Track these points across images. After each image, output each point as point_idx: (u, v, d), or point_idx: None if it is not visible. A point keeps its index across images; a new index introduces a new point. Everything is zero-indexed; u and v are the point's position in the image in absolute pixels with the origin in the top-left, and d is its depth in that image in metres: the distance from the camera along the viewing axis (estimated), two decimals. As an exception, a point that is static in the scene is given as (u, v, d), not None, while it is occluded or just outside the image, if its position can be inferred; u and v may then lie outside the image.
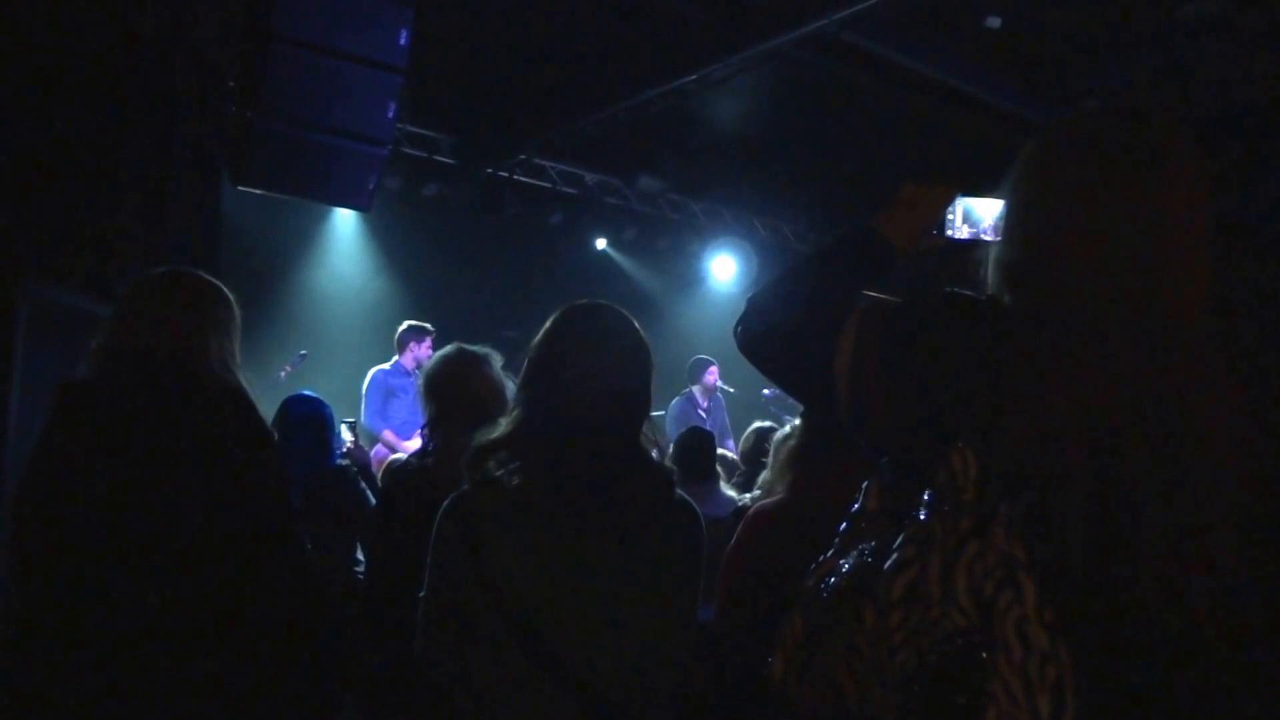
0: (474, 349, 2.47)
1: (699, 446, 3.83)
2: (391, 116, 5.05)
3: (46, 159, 3.63)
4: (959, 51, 5.77)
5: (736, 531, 2.28)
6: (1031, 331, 1.02)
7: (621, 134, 6.99)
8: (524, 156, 7.64)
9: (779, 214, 9.26)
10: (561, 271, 8.15)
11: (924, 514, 0.97)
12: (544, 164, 7.91)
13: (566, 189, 8.17)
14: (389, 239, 7.75)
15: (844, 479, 1.42)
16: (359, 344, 7.10)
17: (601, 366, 1.59)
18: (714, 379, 7.27)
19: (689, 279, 9.22)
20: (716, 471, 3.86)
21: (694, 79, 5.96)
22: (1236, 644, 0.94)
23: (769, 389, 7.30)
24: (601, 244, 8.76)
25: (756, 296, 1.27)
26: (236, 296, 2.11)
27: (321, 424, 3.17)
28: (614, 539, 1.54)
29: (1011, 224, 1.12)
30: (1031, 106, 6.16)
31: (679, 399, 7.17)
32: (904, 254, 1.30)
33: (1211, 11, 4.99)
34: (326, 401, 3.27)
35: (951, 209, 1.34)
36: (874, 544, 1.04)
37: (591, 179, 8.26)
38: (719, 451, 4.50)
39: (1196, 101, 5.77)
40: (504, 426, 1.61)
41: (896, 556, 0.96)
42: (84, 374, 1.97)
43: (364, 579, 2.54)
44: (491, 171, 7.66)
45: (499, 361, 2.48)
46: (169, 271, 2.08)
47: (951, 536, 0.93)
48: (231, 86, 4.95)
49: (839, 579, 1.05)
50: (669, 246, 8.92)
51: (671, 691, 1.59)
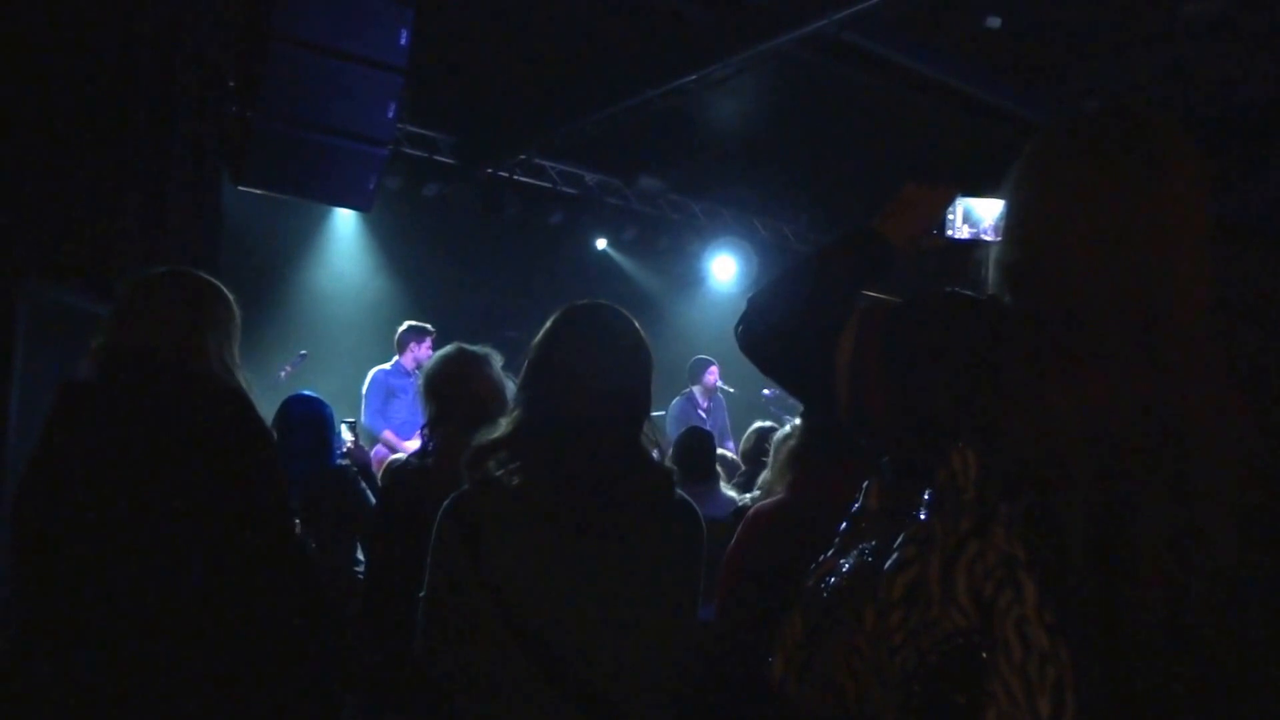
0: (474, 349, 2.48)
1: (698, 447, 3.83)
2: (392, 116, 5.05)
3: (46, 159, 3.63)
4: (959, 51, 5.77)
5: (736, 532, 2.29)
6: (1031, 331, 1.02)
7: (621, 134, 6.98)
8: (524, 156, 7.63)
9: (779, 214, 9.26)
10: (562, 271, 8.15)
11: (924, 514, 0.97)
12: (544, 164, 7.91)
13: (567, 189, 8.17)
14: (389, 239, 7.75)
15: (844, 479, 1.43)
16: (359, 344, 7.10)
17: (601, 366, 1.59)
18: (714, 379, 7.27)
19: (689, 279, 9.22)
20: (716, 472, 3.86)
21: (694, 79, 5.96)
22: (1236, 644, 0.94)
23: (769, 389, 7.30)
24: (602, 244, 8.76)
25: (757, 296, 1.27)
26: (236, 296, 2.11)
27: (321, 424, 3.17)
28: (614, 539, 1.54)
29: (1012, 224, 1.12)
30: (1031, 106, 6.16)
31: (679, 399, 7.17)
32: (904, 254, 1.30)
33: (1211, 11, 4.99)
34: (326, 401, 3.27)
35: (952, 209, 1.34)
36: (874, 544, 1.04)
37: (592, 179, 8.25)
38: (719, 452, 4.50)
39: (1196, 101, 5.77)
40: (504, 426, 1.61)
41: (897, 556, 0.96)
42: (84, 374, 1.97)
43: (364, 579, 2.53)
44: (492, 171, 7.66)
45: (499, 361, 2.48)
46: (168, 271, 2.08)
47: (952, 536, 0.93)
48: (231, 86, 4.95)
49: (839, 579, 1.05)
50: (669, 246, 8.92)
51: (671, 691, 1.59)
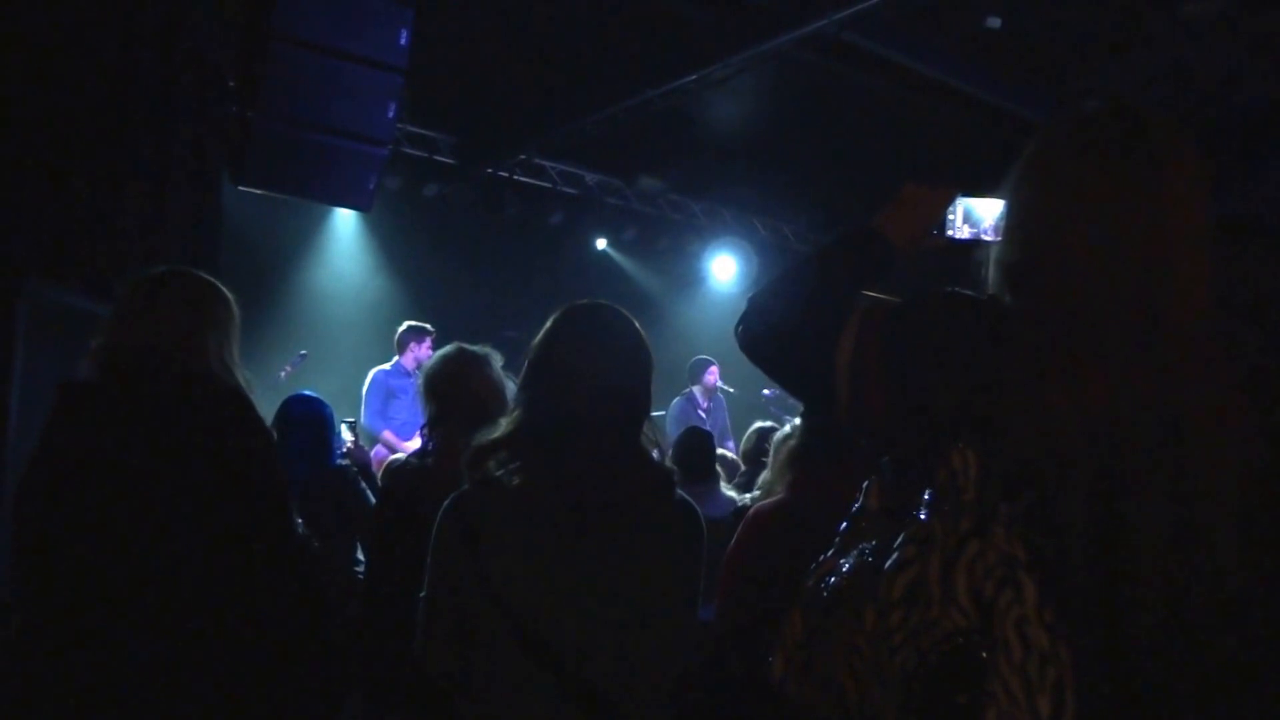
0: (474, 349, 2.48)
1: (698, 447, 3.83)
2: (392, 116, 5.05)
3: (47, 159, 3.63)
4: (959, 51, 5.77)
5: (736, 532, 2.29)
6: (1032, 331, 1.02)
7: (622, 134, 6.98)
8: (524, 156, 7.63)
9: (779, 214, 9.26)
10: (562, 271, 8.15)
11: (924, 513, 0.97)
12: (544, 164, 7.91)
13: (567, 189, 8.17)
14: (389, 239, 7.75)
15: (844, 479, 1.43)
16: (359, 344, 7.10)
17: (601, 366, 1.59)
18: (714, 379, 7.26)
19: (689, 279, 9.22)
20: (716, 472, 3.86)
21: (694, 79, 5.96)
22: (1236, 644, 0.93)
23: (769, 389, 7.30)
24: (602, 244, 8.75)
25: (757, 296, 1.27)
26: (236, 296, 2.11)
27: (321, 424, 3.17)
28: (614, 539, 1.54)
29: (1012, 224, 1.12)
30: (1031, 106, 6.16)
31: (679, 399, 7.16)
32: (904, 254, 1.30)
33: (1212, 11, 4.99)
34: (326, 401, 3.27)
35: (952, 209, 1.34)
36: (874, 543, 1.04)
37: (592, 179, 8.25)
38: (719, 452, 4.50)
39: (1196, 101, 5.77)
40: (504, 426, 1.61)
41: (897, 556, 0.96)
42: (84, 374, 1.97)
43: (364, 579, 2.53)
44: (492, 171, 7.66)
45: (499, 361, 2.48)
46: (168, 271, 2.08)
47: (952, 536, 0.93)
48: (231, 86, 4.95)
49: (839, 579, 1.05)
50: (669, 246, 8.92)
51: (671, 691, 1.59)
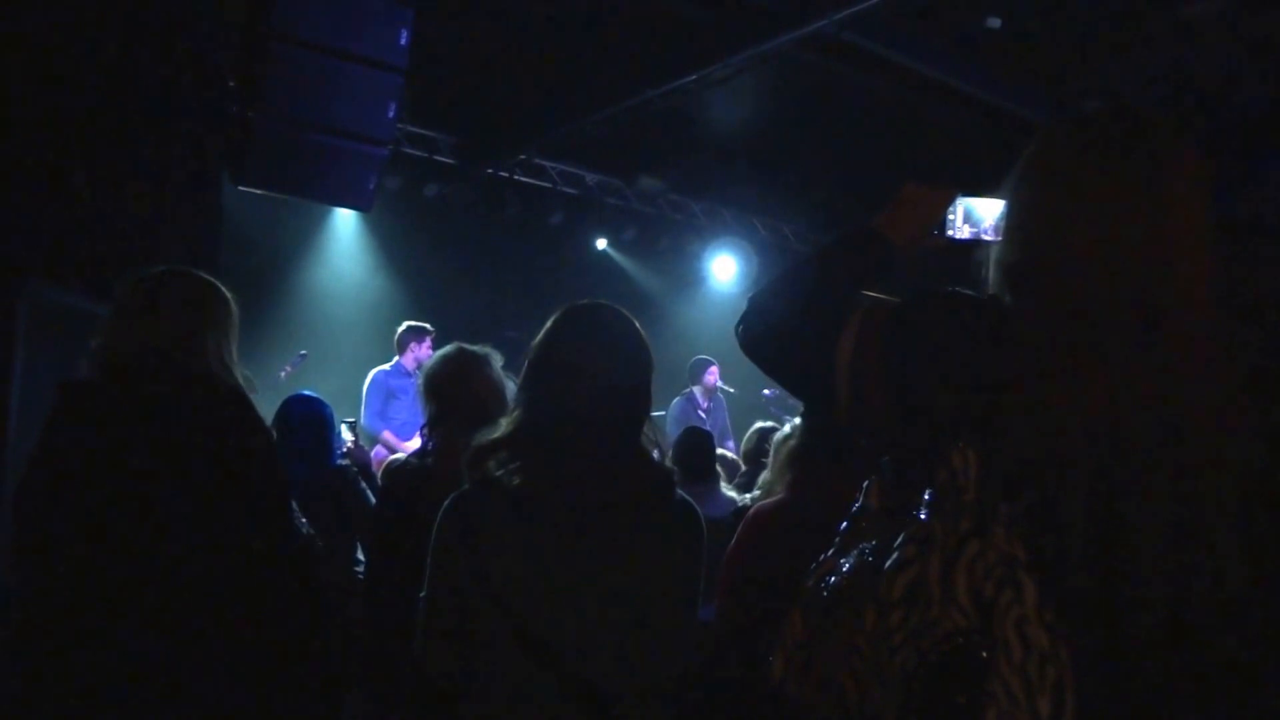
0: (474, 349, 2.48)
1: (698, 447, 3.83)
2: (392, 116, 5.05)
3: (47, 159, 3.63)
4: (959, 51, 5.77)
5: (736, 532, 2.29)
6: (1032, 331, 1.02)
7: (622, 134, 6.98)
8: (524, 156, 7.63)
9: (779, 214, 9.26)
10: (562, 271, 8.15)
11: (924, 513, 0.97)
12: (544, 164, 7.91)
13: (567, 189, 8.17)
14: (389, 239, 7.75)
15: (844, 479, 1.43)
16: (359, 344, 7.10)
17: (602, 366, 1.59)
18: (714, 379, 7.26)
19: (689, 279, 9.22)
20: (716, 472, 3.85)
21: (694, 79, 5.96)
22: (1236, 644, 0.93)
23: (769, 389, 7.30)
24: (602, 244, 8.75)
25: (758, 296, 1.27)
26: (236, 296, 2.11)
27: (322, 424, 3.17)
28: (614, 539, 1.54)
29: (1012, 224, 1.12)
30: (1031, 106, 6.15)
31: (679, 399, 7.16)
32: (904, 254, 1.30)
33: (1212, 11, 4.99)
34: (326, 401, 3.27)
35: (952, 209, 1.34)
36: (874, 543, 1.04)
37: (592, 179, 8.25)
38: (719, 452, 4.50)
39: (1196, 101, 5.77)
40: (504, 426, 1.61)
41: (897, 556, 0.96)
42: (84, 374, 1.97)
43: (364, 579, 2.54)
44: (492, 171, 7.66)
45: (499, 361, 2.48)
46: (167, 271, 2.08)
47: (952, 536, 0.93)
48: (231, 86, 4.95)
49: (839, 579, 1.05)
50: (669, 246, 8.92)
51: (671, 691, 1.59)
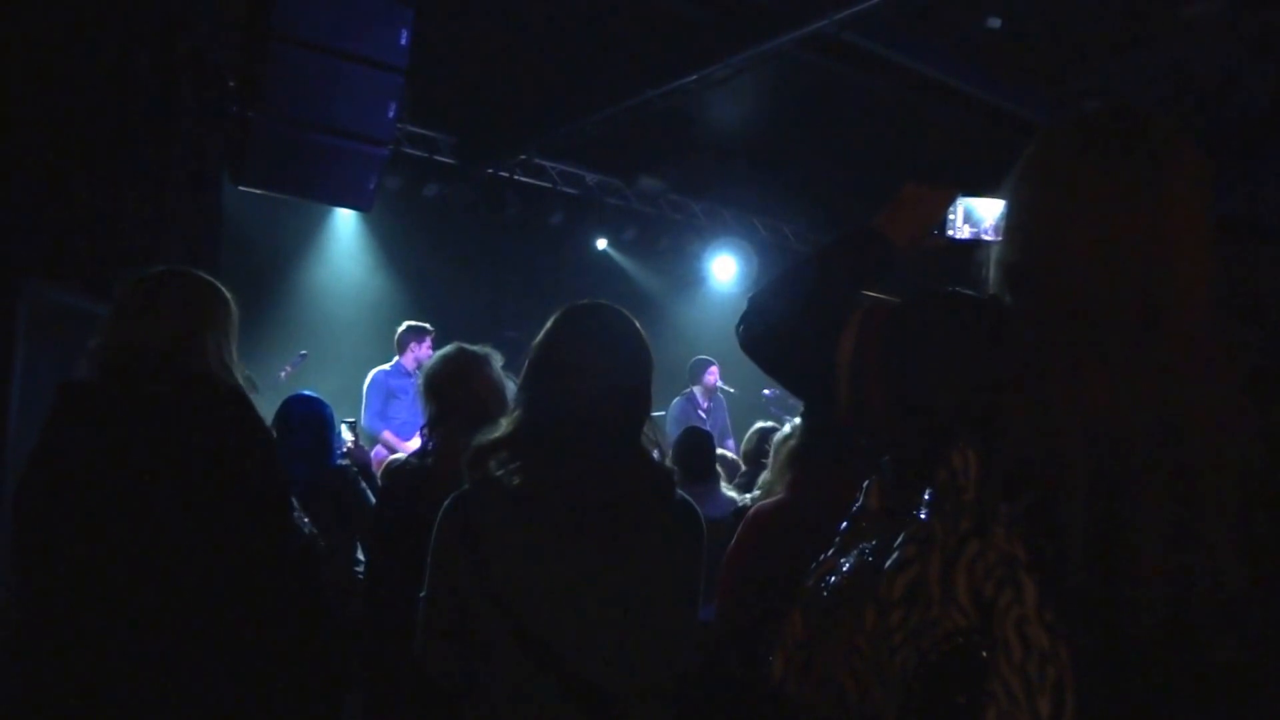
0: (474, 349, 2.48)
1: (698, 447, 3.83)
2: (392, 116, 5.05)
3: (47, 159, 3.63)
4: (959, 51, 5.77)
5: (736, 532, 2.28)
6: (1032, 331, 1.02)
7: (622, 134, 6.98)
8: (524, 156, 7.63)
9: (779, 214, 9.26)
10: (562, 271, 8.15)
11: (924, 513, 0.97)
12: (544, 164, 7.91)
13: (567, 189, 8.17)
14: (389, 239, 7.75)
15: (844, 479, 1.43)
16: (359, 344, 7.10)
17: (602, 367, 1.59)
18: (714, 379, 7.26)
19: (689, 279, 9.22)
20: (716, 472, 3.85)
21: (694, 79, 5.96)
22: (1236, 644, 0.93)
23: (769, 389, 7.30)
24: (602, 244, 8.75)
25: (758, 295, 1.27)
26: (236, 296, 2.11)
27: (322, 424, 3.17)
28: (614, 539, 1.54)
29: (1012, 224, 1.12)
30: (1031, 106, 6.16)
31: (679, 399, 7.16)
32: (905, 254, 1.30)
33: (1212, 11, 4.99)
34: (326, 401, 3.27)
35: (952, 209, 1.34)
36: (874, 543, 1.04)
37: (592, 179, 8.25)
38: (719, 452, 4.50)
39: (1196, 101, 5.77)
40: (504, 426, 1.61)
41: (897, 556, 0.96)
42: (83, 374, 1.97)
43: (364, 579, 2.53)
44: (492, 171, 7.66)
45: (499, 361, 2.48)
46: (166, 271, 2.08)
47: (952, 536, 0.93)
48: (231, 86, 4.95)
49: (839, 578, 1.05)
50: (669, 246, 8.92)
51: (671, 691, 1.59)
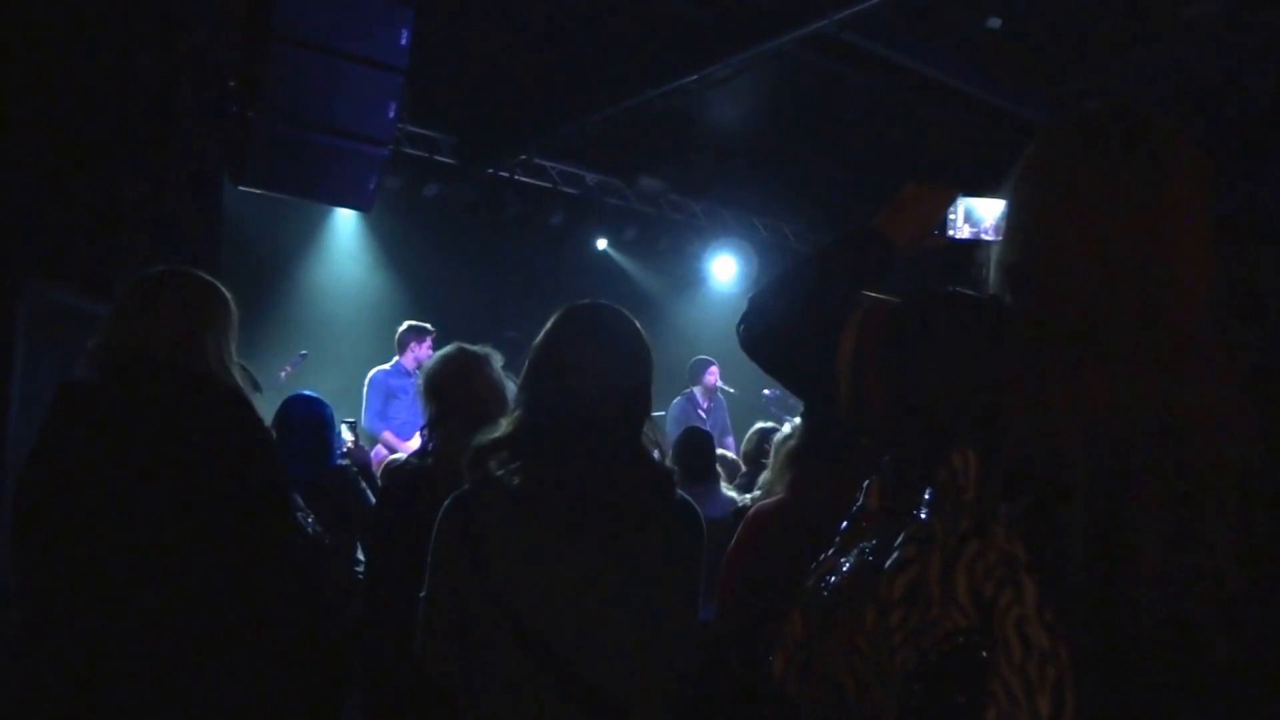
0: (474, 349, 2.47)
1: (698, 447, 3.83)
2: (392, 116, 5.05)
3: (47, 159, 3.63)
4: (959, 51, 5.77)
5: (736, 532, 2.28)
6: (1032, 331, 1.02)
7: (622, 134, 6.99)
8: (524, 156, 7.63)
9: (779, 214, 9.26)
10: (562, 271, 8.15)
11: (925, 513, 0.97)
12: (544, 164, 7.91)
13: (567, 189, 8.17)
14: (389, 239, 7.75)
15: (844, 479, 1.43)
16: (359, 344, 7.10)
17: (602, 367, 1.59)
18: (714, 379, 7.26)
19: (689, 279, 9.22)
20: (716, 472, 3.85)
21: (694, 79, 5.96)
22: (1236, 644, 0.93)
23: (769, 389, 7.30)
24: (602, 244, 8.76)
25: (758, 295, 1.27)
26: (236, 296, 2.11)
27: (322, 424, 3.17)
28: (614, 539, 1.54)
29: (1012, 224, 1.12)
30: (1031, 106, 6.16)
31: (679, 399, 7.16)
32: (905, 254, 1.30)
33: (1212, 11, 4.99)
34: (327, 401, 3.27)
35: (953, 209, 1.34)
36: (874, 543, 1.04)
37: (592, 179, 8.25)
38: (719, 452, 4.50)
39: (1196, 101, 5.77)
40: (505, 426, 1.61)
41: (897, 555, 0.96)
42: (83, 374, 1.97)
43: (364, 579, 2.53)
44: (492, 171, 7.66)
45: (499, 361, 2.48)
46: (166, 271, 2.08)
47: (952, 536, 0.93)
48: (231, 86, 4.95)
49: (839, 578, 1.05)
50: (669, 247, 8.92)
51: (671, 691, 1.59)
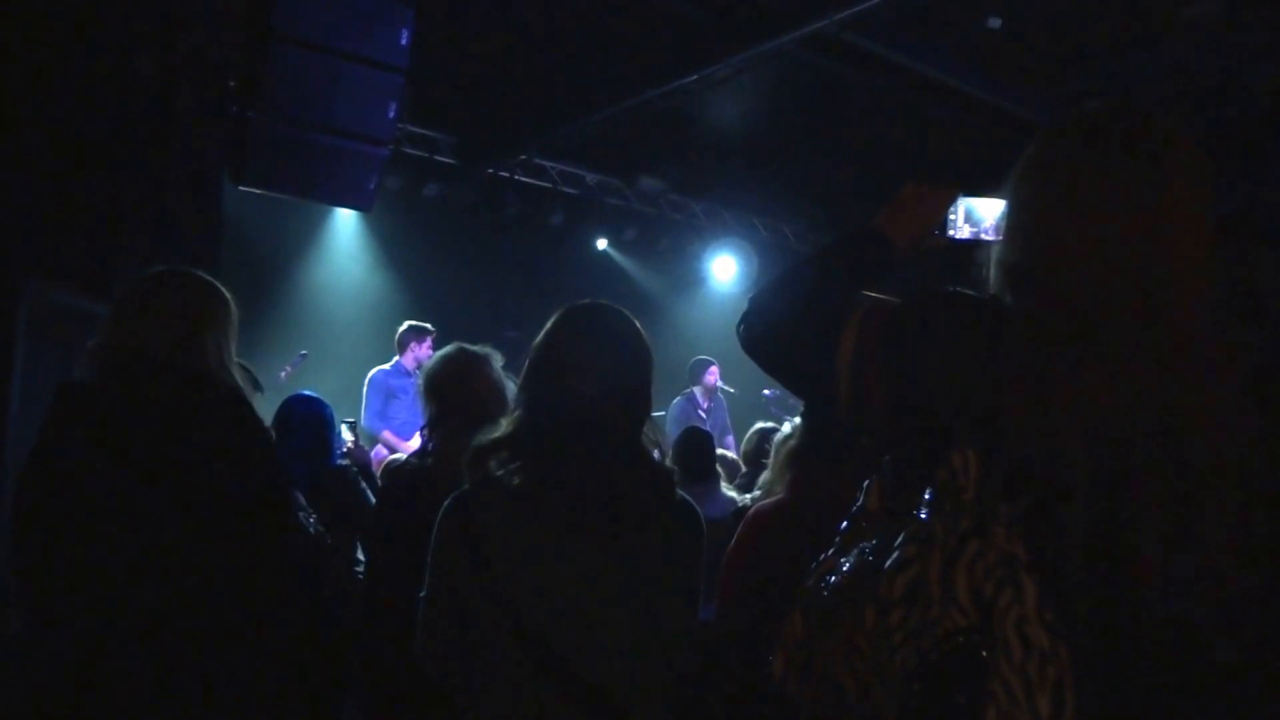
0: (475, 349, 2.47)
1: (698, 447, 3.82)
2: (392, 116, 5.05)
3: (47, 159, 3.63)
4: (959, 51, 5.77)
5: (736, 532, 2.28)
6: (1032, 331, 1.02)
7: (622, 134, 6.99)
8: (525, 156, 7.63)
9: (779, 214, 9.26)
10: (562, 272, 8.15)
11: (925, 513, 0.97)
12: (545, 164, 7.91)
13: (567, 189, 8.17)
14: (389, 239, 7.75)
15: (844, 479, 1.43)
16: (359, 344, 7.10)
17: (602, 367, 1.59)
18: (714, 379, 7.26)
19: (690, 279, 9.22)
20: (717, 472, 3.85)
21: (694, 79, 5.96)
22: (1236, 644, 0.93)
23: (769, 389, 7.30)
24: (602, 244, 8.76)
25: (758, 295, 1.27)
26: (236, 296, 2.11)
27: (322, 424, 3.17)
28: (614, 539, 1.54)
29: (1012, 224, 1.12)
30: (1031, 106, 6.16)
31: (680, 399, 7.16)
32: (905, 254, 1.30)
33: (1212, 11, 4.99)
34: (327, 401, 3.26)
35: (953, 209, 1.34)
36: (875, 543, 1.04)
37: (592, 179, 8.26)
38: (720, 452, 4.50)
39: (1196, 101, 5.77)
40: (505, 426, 1.61)
41: (897, 555, 0.96)
42: (83, 374, 1.97)
43: (364, 579, 2.53)
44: (492, 171, 7.66)
45: (499, 361, 2.48)
46: (166, 271, 2.08)
47: (952, 536, 0.93)
48: (231, 86, 4.95)
49: (839, 578, 1.05)
50: (670, 247, 8.92)
51: (671, 691, 1.59)
